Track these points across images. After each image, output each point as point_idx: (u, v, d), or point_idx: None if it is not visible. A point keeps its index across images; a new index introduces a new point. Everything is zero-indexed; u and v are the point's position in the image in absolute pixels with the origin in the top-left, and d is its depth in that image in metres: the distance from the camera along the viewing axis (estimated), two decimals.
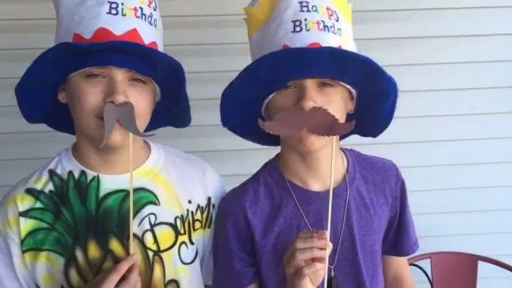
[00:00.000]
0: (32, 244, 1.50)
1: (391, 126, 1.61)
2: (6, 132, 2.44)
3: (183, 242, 1.60)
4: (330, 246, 1.36)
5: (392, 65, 1.66)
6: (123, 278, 1.40)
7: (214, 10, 2.42)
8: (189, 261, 1.62)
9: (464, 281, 2.58)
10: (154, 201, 1.56)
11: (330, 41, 1.45)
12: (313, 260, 1.35)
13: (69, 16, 1.43)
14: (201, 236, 1.66)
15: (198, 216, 1.64)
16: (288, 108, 1.44)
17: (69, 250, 1.50)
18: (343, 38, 1.49)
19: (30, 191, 1.53)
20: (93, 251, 1.50)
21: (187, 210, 1.61)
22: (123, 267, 1.40)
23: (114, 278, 1.38)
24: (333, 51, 1.42)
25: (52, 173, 1.55)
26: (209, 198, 1.67)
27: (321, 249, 1.34)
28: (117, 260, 1.48)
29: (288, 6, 1.49)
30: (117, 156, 1.51)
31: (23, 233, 1.49)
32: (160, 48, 1.51)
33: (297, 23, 1.46)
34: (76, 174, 1.54)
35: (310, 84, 1.45)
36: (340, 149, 1.71)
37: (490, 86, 2.62)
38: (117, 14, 1.40)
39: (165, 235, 1.57)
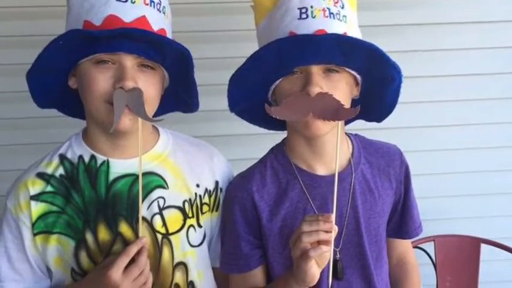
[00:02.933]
0: (42, 227, 1.52)
1: (395, 111, 1.63)
2: (18, 117, 2.44)
3: (191, 225, 1.62)
4: (335, 229, 1.37)
5: (396, 51, 1.68)
6: (133, 261, 1.41)
7: None
8: (197, 244, 1.64)
9: (467, 263, 2.59)
10: (163, 185, 1.58)
11: (335, 27, 1.46)
12: (319, 242, 1.36)
13: (79, 3, 1.44)
14: (209, 219, 1.68)
15: (206, 199, 1.65)
16: (294, 93, 1.45)
17: (79, 233, 1.52)
18: (349, 25, 1.50)
19: (41, 175, 1.55)
20: (103, 234, 1.52)
21: (196, 194, 1.63)
22: (133, 250, 1.41)
23: (124, 261, 1.39)
24: (338, 38, 1.43)
25: (63, 158, 1.57)
26: (217, 182, 1.68)
27: (327, 232, 1.35)
28: (126, 243, 1.50)
29: None
30: (127, 141, 1.53)
31: (34, 216, 1.51)
32: (169, 35, 1.53)
33: (303, 10, 1.47)
34: (86, 159, 1.55)
35: (316, 70, 1.46)
36: (345, 133, 1.72)
37: (493, 72, 2.61)
38: (126, 1, 1.41)
39: (174, 218, 1.58)
